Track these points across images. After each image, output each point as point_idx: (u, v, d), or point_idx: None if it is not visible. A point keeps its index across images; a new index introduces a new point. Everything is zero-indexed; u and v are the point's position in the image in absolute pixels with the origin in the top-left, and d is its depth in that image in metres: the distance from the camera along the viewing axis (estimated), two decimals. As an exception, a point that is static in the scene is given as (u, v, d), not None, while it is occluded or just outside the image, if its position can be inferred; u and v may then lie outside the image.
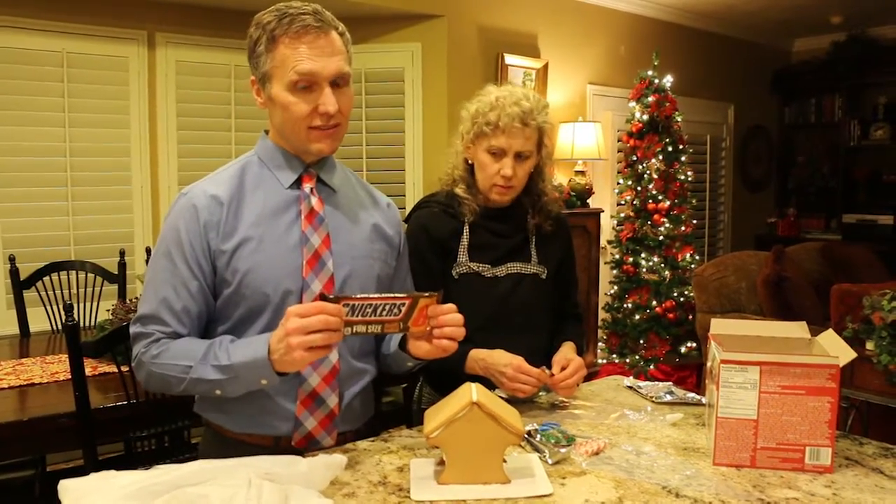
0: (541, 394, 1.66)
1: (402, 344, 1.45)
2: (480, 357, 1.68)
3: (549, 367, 1.67)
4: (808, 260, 4.84)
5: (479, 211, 1.79)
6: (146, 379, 1.38)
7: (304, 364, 1.26)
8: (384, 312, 1.25)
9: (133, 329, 1.39)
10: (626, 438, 1.44)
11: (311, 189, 1.45)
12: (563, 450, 1.31)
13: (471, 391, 1.20)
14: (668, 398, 1.67)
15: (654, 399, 1.68)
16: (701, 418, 1.56)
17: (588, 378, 1.90)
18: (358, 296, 1.24)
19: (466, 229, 1.79)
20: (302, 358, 1.21)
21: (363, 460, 1.31)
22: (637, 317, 4.58)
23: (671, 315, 4.56)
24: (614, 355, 4.70)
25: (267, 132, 1.50)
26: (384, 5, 4.02)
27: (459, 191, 1.79)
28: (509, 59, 4.53)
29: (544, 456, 1.30)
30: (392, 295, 1.26)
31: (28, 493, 2.28)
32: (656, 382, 1.77)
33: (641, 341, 4.58)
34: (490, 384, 1.38)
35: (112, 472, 1.05)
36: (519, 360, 1.62)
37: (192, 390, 1.35)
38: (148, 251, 3.57)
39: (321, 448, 1.43)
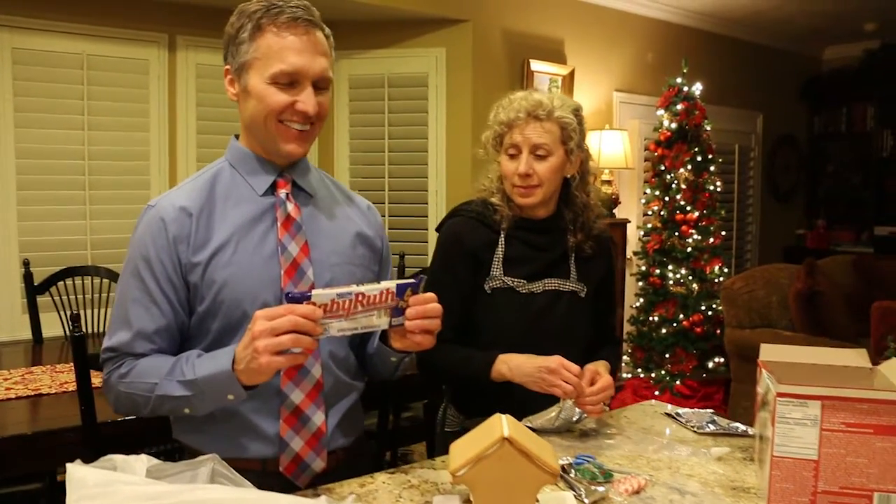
0: (562, 415, 1.53)
1: (384, 337, 1.35)
2: (510, 358, 1.58)
3: None
4: (840, 273, 4.68)
5: (516, 221, 1.69)
6: (115, 401, 1.30)
7: (273, 371, 1.14)
8: (365, 305, 1.15)
9: (102, 354, 1.31)
10: (669, 474, 1.32)
11: (287, 195, 1.35)
12: (600, 488, 1.20)
13: (501, 424, 1.09)
14: (711, 428, 1.55)
15: (695, 429, 1.56)
16: (748, 452, 1.44)
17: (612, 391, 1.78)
18: (332, 289, 1.13)
19: (502, 240, 1.68)
20: (269, 363, 1.11)
21: (381, 495, 1.21)
22: (663, 330, 4.45)
23: (699, 329, 4.42)
24: (640, 369, 4.58)
25: (237, 137, 1.41)
26: (408, 9, 3.94)
27: (494, 199, 1.70)
28: (535, 65, 4.43)
29: (580, 495, 1.19)
30: (370, 285, 1.16)
31: (34, 507, 2.21)
32: (696, 410, 1.65)
33: (667, 355, 4.45)
34: (517, 407, 1.27)
35: (123, 463, 1.00)
36: (560, 357, 1.52)
37: (159, 409, 1.25)
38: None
39: (312, 473, 1.33)
